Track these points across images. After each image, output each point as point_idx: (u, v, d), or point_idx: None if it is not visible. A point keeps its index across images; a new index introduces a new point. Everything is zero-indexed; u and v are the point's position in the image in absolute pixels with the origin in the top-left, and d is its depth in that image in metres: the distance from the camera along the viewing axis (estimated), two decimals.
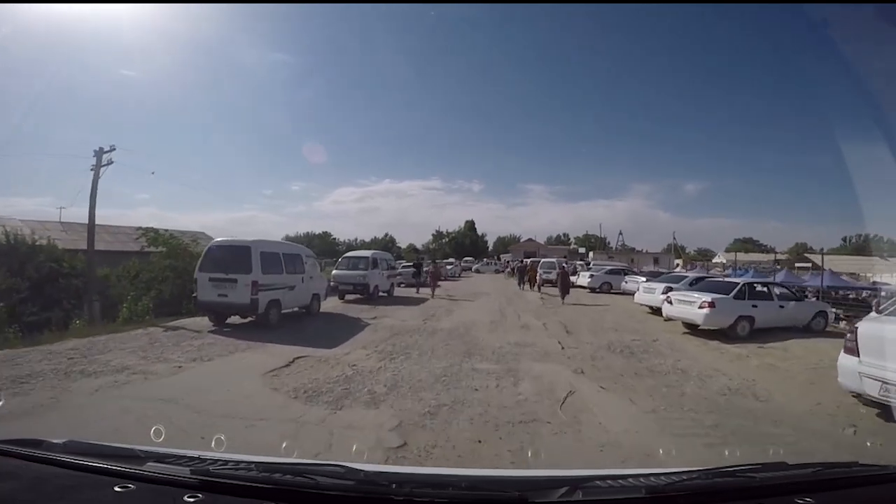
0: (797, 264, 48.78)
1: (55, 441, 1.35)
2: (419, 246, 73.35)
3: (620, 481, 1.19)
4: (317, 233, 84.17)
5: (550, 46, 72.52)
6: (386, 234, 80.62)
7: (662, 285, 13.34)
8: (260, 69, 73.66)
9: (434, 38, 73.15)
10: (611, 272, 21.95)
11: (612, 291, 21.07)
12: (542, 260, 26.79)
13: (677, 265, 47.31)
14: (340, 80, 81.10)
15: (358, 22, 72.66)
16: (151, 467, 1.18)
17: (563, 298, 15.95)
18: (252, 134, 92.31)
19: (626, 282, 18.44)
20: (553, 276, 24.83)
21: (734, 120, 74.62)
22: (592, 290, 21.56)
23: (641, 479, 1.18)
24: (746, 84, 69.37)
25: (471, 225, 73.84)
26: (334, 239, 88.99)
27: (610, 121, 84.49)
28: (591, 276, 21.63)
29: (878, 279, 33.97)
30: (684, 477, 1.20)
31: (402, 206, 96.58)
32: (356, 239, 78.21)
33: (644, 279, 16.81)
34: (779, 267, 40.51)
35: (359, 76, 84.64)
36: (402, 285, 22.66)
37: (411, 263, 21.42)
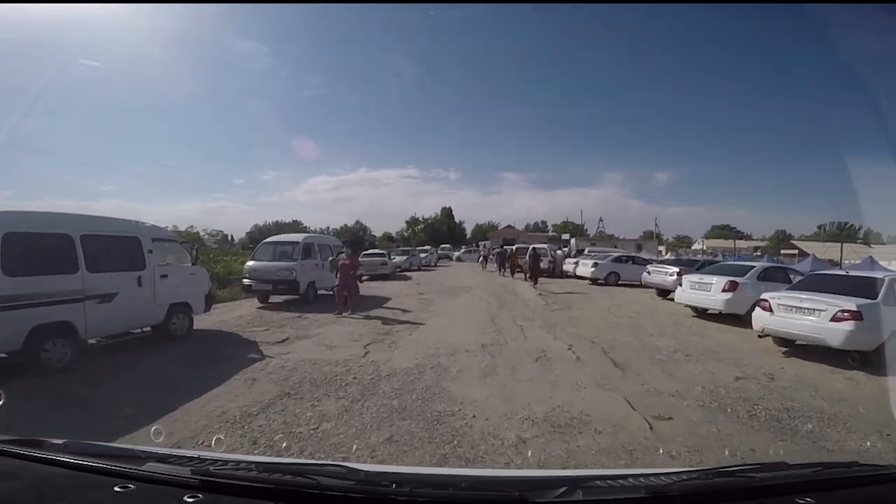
0: (783, 251, 47.34)
1: (55, 441, 1.31)
2: (394, 234, 68.87)
3: (620, 481, 1.13)
4: (287, 221, 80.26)
5: (525, 38, 69.77)
6: (357, 222, 75.79)
7: (723, 279, 9.25)
8: (232, 57, 69.42)
9: (409, 28, 69.24)
10: (617, 260, 17.86)
11: (619, 283, 17.09)
12: (532, 247, 22.57)
13: (660, 252, 45.22)
14: (313, 69, 76.54)
15: (332, 11, 67.56)
16: (151, 467, 1.15)
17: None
18: (222, 123, 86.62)
19: (648, 272, 14.31)
20: (544, 264, 20.82)
21: (704, 111, 74.85)
22: (594, 281, 17.53)
23: (641, 479, 1.12)
24: (716, 77, 68.61)
25: (448, 212, 69.66)
26: (305, 228, 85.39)
27: (584, 109, 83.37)
28: (596, 264, 17.42)
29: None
30: (684, 477, 1.16)
31: (379, 194, 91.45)
32: (328, 227, 73.01)
33: (676, 269, 12.75)
34: (758, 254, 38.35)
35: (332, 64, 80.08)
36: (365, 278, 18.39)
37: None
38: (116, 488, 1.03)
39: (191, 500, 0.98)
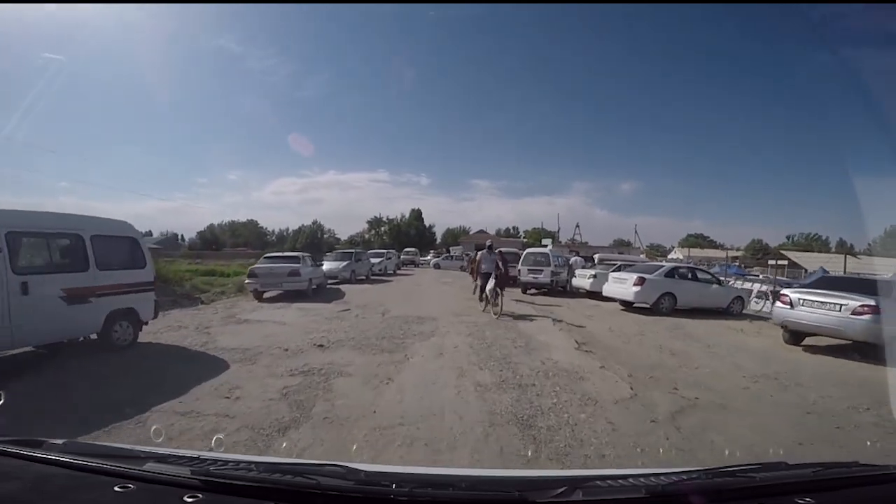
0: (771, 261, 44.20)
1: (55, 441, 1.31)
2: (357, 236, 63.67)
3: (620, 481, 1.12)
4: (242, 221, 72.07)
5: (495, 47, 67.73)
6: (314, 221, 67.26)
7: None
8: (199, 53, 66.13)
9: (379, 32, 66.39)
10: (671, 274, 11.53)
11: (676, 311, 10.81)
12: (528, 251, 16.13)
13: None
14: (282, 68, 73.71)
15: (304, 8, 62.86)
16: (151, 467, 1.14)
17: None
18: (185, 121, 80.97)
19: (788, 303, 7.58)
20: (543, 278, 14.38)
21: (669, 121, 74.76)
22: (629, 305, 11.25)
23: (641, 479, 1.12)
24: (682, 89, 67.75)
25: (417, 214, 62.93)
26: (262, 228, 76.84)
27: (553, 119, 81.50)
28: (642, 280, 11.03)
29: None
30: (684, 477, 1.14)
31: (348, 198, 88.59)
32: (287, 228, 69.70)
33: (868, 301, 6.48)
34: (737, 264, 34.86)
35: (300, 64, 76.83)
36: (267, 296, 12.98)
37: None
38: (116, 488, 1.03)
39: (191, 500, 0.97)
